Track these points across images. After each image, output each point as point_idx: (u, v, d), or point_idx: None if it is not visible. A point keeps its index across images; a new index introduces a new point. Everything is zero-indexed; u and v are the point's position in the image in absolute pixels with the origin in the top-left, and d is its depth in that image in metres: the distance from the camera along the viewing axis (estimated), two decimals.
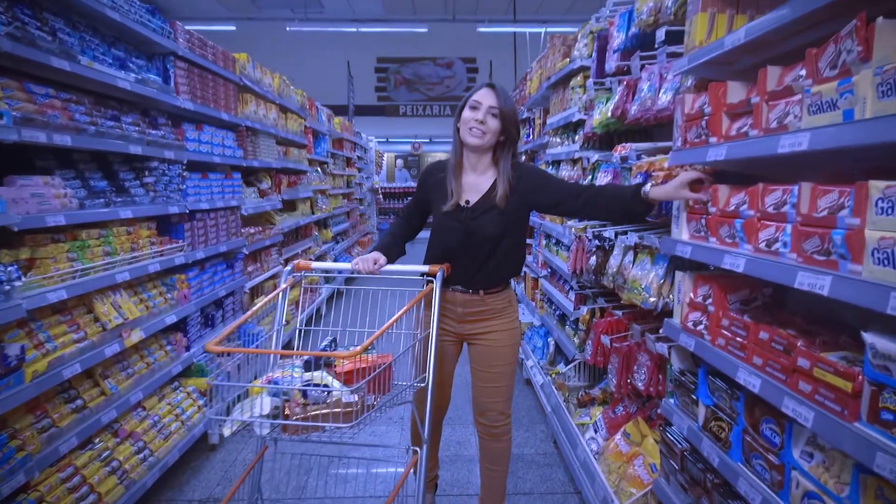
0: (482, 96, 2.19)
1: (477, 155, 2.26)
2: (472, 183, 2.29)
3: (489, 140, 2.20)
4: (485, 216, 2.24)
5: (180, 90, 3.37)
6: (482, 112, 2.17)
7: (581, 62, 3.35)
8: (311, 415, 1.82)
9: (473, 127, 2.17)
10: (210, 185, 3.78)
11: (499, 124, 2.19)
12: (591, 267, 3.00)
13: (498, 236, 2.25)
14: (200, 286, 3.63)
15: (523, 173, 2.29)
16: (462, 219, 2.26)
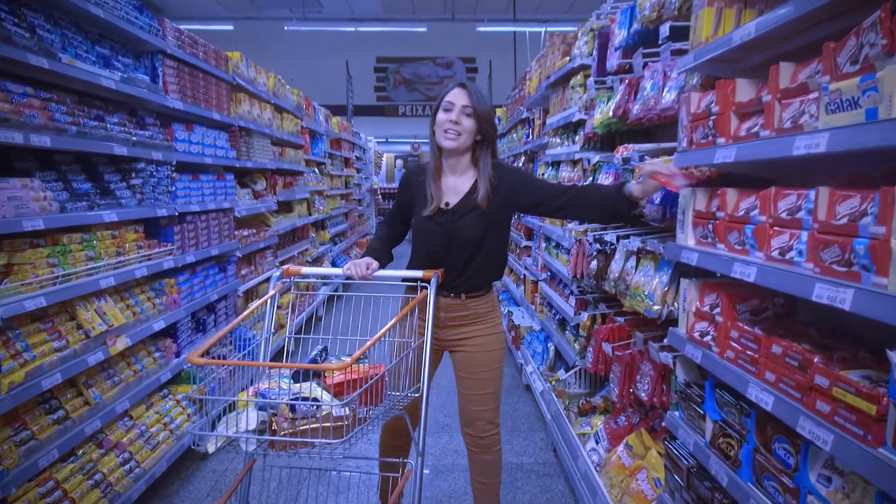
0: (455, 96, 2.14)
1: (455, 157, 2.21)
2: (452, 185, 2.24)
3: (465, 141, 2.15)
4: (465, 218, 2.19)
5: (169, 89, 3.28)
6: (455, 112, 2.12)
7: (581, 60, 3.26)
8: (299, 430, 1.73)
9: (448, 129, 2.13)
10: (201, 187, 3.69)
11: (474, 124, 2.14)
12: (591, 271, 2.91)
13: (479, 238, 2.20)
14: (191, 290, 3.54)
15: (504, 173, 2.24)
16: (443, 222, 2.20)
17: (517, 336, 4.86)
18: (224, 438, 1.75)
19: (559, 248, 3.88)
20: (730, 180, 1.94)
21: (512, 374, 4.87)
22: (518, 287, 5.85)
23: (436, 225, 2.21)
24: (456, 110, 2.12)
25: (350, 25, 12.99)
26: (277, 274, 2.33)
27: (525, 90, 5.32)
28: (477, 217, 2.18)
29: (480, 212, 2.17)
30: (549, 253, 4.14)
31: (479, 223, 2.18)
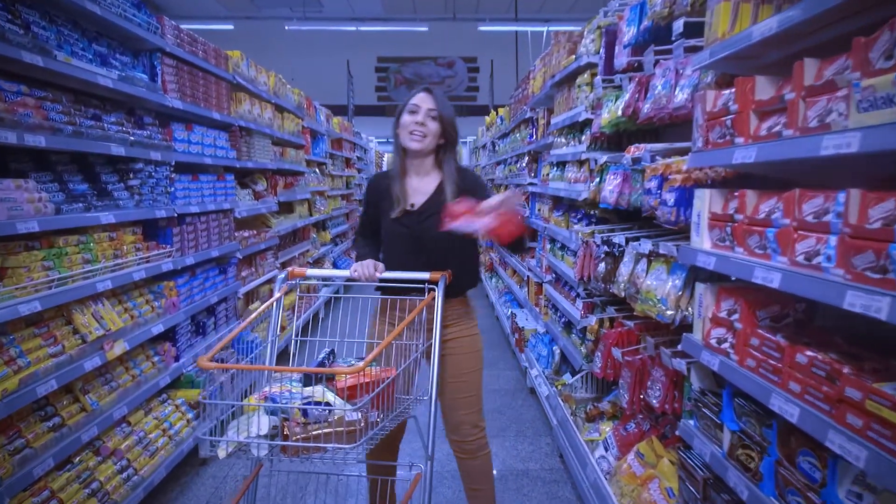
0: (420, 100, 2.19)
1: (420, 158, 2.25)
2: (417, 186, 2.28)
3: (429, 143, 2.20)
4: (432, 218, 2.18)
5: (168, 88, 3.22)
6: (421, 115, 2.17)
7: (588, 59, 3.19)
8: (312, 435, 1.68)
9: (414, 130, 2.17)
10: (201, 188, 3.63)
11: (438, 127, 2.20)
12: (599, 274, 2.85)
13: (447, 237, 2.14)
14: (191, 293, 3.48)
15: (468, 175, 2.31)
16: (410, 223, 2.23)
17: (521, 339, 4.80)
18: (235, 444, 1.70)
19: (564, 250, 3.82)
20: (745, 181, 1.88)
21: (516, 377, 4.81)
22: (521, 289, 5.79)
23: (403, 227, 2.24)
24: (422, 113, 2.17)
25: (351, 25, 12.93)
26: (282, 276, 2.28)
27: (529, 90, 5.25)
28: (438, 212, 2.19)
29: (440, 204, 2.17)
30: (554, 254, 4.08)
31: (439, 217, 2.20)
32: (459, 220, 1.95)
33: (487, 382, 4.67)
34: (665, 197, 2.02)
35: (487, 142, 8.92)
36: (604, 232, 3.06)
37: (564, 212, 3.97)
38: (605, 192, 2.84)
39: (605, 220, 3.33)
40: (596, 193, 3.06)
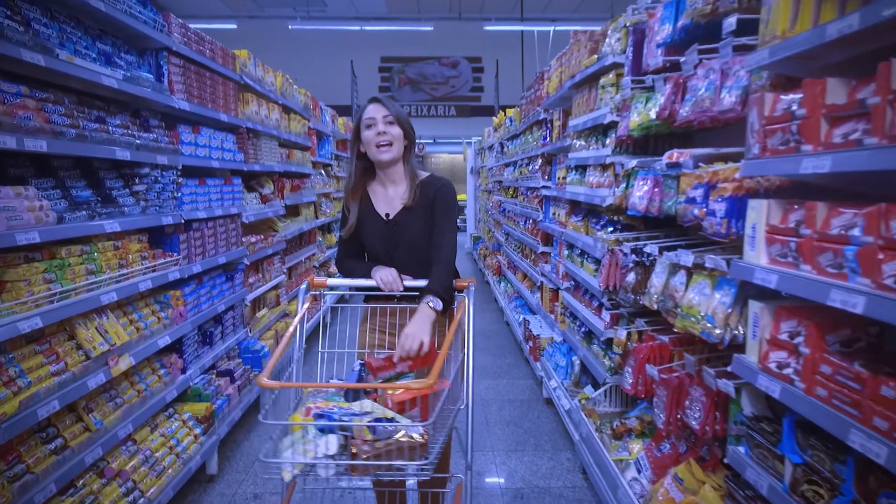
0: (373, 112, 2.20)
1: (392, 168, 2.28)
2: (392, 195, 2.30)
3: (398, 148, 2.22)
4: (408, 223, 2.25)
5: (175, 89, 3.08)
6: (380, 124, 2.18)
7: (613, 58, 3.05)
8: (382, 452, 1.57)
9: (380, 143, 2.19)
10: (208, 192, 3.50)
11: (399, 129, 2.22)
12: (628, 285, 2.71)
13: (423, 238, 2.24)
14: (198, 302, 3.34)
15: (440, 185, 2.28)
16: (388, 232, 2.27)
17: (536, 347, 4.66)
18: (302, 465, 1.59)
19: (584, 257, 3.68)
20: (802, 191, 1.75)
21: (530, 386, 4.67)
22: (533, 294, 5.65)
23: (382, 236, 2.27)
24: (379, 122, 2.18)
25: (354, 24, 12.78)
26: (304, 287, 2.16)
27: (543, 90, 5.11)
28: (417, 219, 2.24)
29: (414, 211, 2.24)
30: (573, 261, 3.94)
31: (418, 221, 2.24)
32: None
33: (501, 392, 4.53)
34: (713, 207, 1.88)
35: (495, 143, 8.78)
36: (631, 240, 2.92)
37: (584, 217, 3.83)
38: (634, 199, 2.70)
39: (631, 226, 3.19)
40: (622, 199, 2.92)
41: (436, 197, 2.23)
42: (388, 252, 2.27)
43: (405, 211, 2.26)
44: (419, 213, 2.23)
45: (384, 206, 2.29)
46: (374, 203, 2.31)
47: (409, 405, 1.70)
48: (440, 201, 2.23)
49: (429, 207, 2.24)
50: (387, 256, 2.27)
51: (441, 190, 2.26)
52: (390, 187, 2.31)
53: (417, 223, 2.24)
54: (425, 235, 2.24)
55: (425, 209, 2.24)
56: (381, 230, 2.27)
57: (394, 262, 2.25)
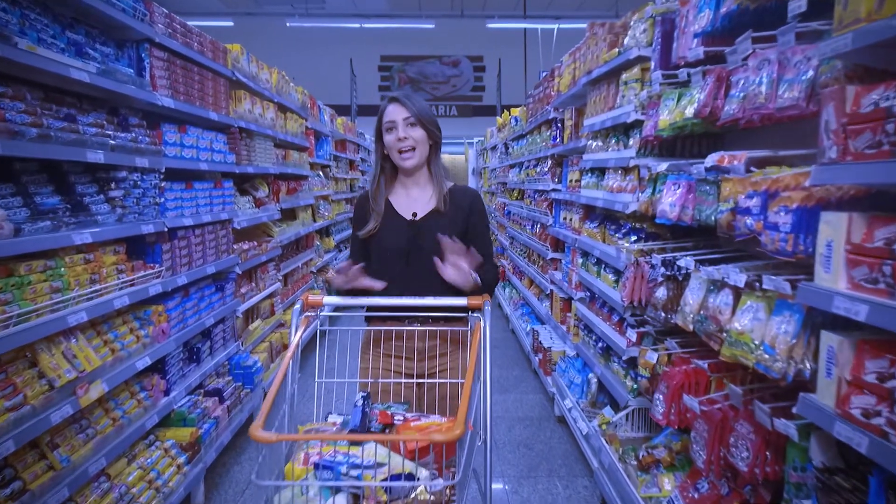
0: (392, 114, 2.01)
1: (418, 170, 2.09)
2: (416, 196, 2.11)
3: (422, 152, 2.04)
4: (433, 224, 2.02)
5: (158, 84, 2.81)
6: (401, 128, 1.99)
7: (639, 51, 2.79)
8: None
9: (402, 149, 2.01)
10: (196, 197, 3.23)
11: (422, 131, 2.02)
12: (657, 301, 2.45)
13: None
14: (183, 316, 3.07)
15: (469, 194, 2.14)
16: (409, 235, 2.04)
17: (546, 360, 4.39)
18: None
19: (602, 267, 3.42)
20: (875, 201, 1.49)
21: (541, 402, 4.40)
22: (541, 302, 5.39)
23: (404, 238, 2.04)
24: (399, 126, 1.99)
25: (354, 21, 12.51)
26: (298, 307, 1.88)
27: (553, 88, 4.85)
28: (445, 225, 2.03)
29: (446, 219, 2.05)
30: (588, 270, 3.67)
31: (447, 231, 2.00)
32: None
33: (510, 409, 4.27)
34: (775, 219, 1.61)
35: (499, 143, 8.51)
36: (660, 250, 2.66)
37: (600, 223, 3.57)
38: (664, 206, 2.44)
39: (656, 235, 2.93)
40: (648, 206, 2.66)
41: (472, 206, 2.10)
42: (406, 257, 2.02)
43: (435, 214, 2.06)
44: (449, 219, 2.04)
45: (406, 208, 2.09)
46: (395, 205, 2.10)
47: (422, 451, 1.44)
48: (478, 212, 2.11)
49: (461, 215, 2.07)
50: (403, 262, 2.02)
51: (477, 200, 2.14)
52: (413, 189, 2.12)
53: (445, 230, 2.01)
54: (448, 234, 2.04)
55: (456, 216, 2.06)
56: (402, 232, 2.04)
57: (411, 271, 2.01)
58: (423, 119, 2.00)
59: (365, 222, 2.09)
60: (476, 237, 2.08)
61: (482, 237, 2.11)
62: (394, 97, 2.03)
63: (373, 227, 2.05)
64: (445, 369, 2.04)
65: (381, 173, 2.10)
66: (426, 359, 2.04)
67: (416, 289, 1.97)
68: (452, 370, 2.03)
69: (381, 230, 2.05)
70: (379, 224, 2.05)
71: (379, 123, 2.06)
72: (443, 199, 2.04)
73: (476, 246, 2.06)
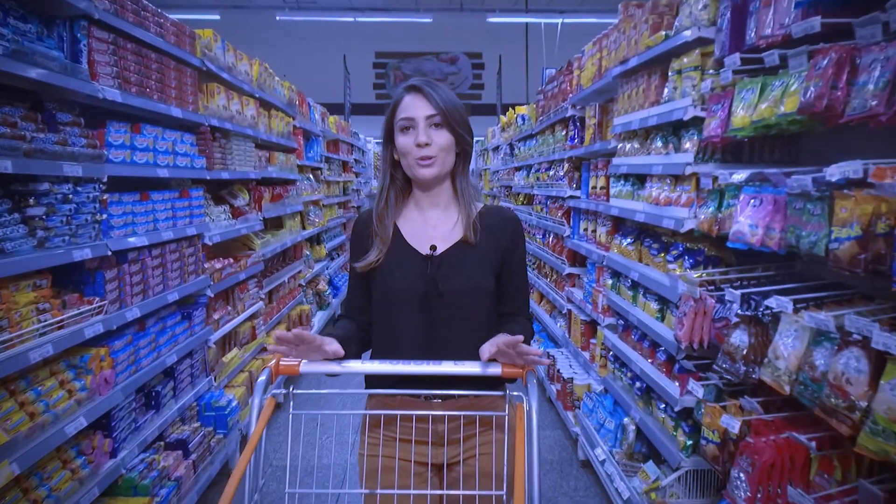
0: (411, 108, 1.48)
1: (438, 184, 1.55)
2: (435, 222, 1.56)
3: (446, 162, 1.51)
4: (458, 262, 1.50)
5: (99, 72, 2.26)
6: (421, 130, 1.46)
7: (699, 32, 2.25)
8: None
9: (421, 157, 1.47)
10: (153, 210, 2.67)
11: (449, 135, 1.49)
12: (734, 350, 1.92)
13: (481, 292, 1.50)
14: (136, 357, 2.52)
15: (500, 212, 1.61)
16: (426, 274, 1.48)
17: (567, 393, 3.85)
18: None
19: (640, 292, 2.88)
20: None
21: (560, 441, 3.85)
22: (555, 321, 4.85)
23: (418, 279, 1.48)
24: (420, 127, 1.46)
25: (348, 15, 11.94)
26: (263, 378, 1.33)
27: (570, 82, 4.31)
28: (476, 262, 1.51)
29: (478, 253, 1.52)
30: (621, 294, 3.13)
31: (479, 269, 1.50)
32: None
33: None
34: None
35: (502, 144, 7.97)
36: (724, 279, 2.13)
37: (636, 239, 3.03)
38: (741, 226, 1.92)
39: (718, 258, 2.39)
40: (711, 224, 2.13)
41: (513, 237, 1.56)
42: (423, 305, 1.47)
43: (461, 246, 1.51)
44: (479, 254, 1.51)
45: (422, 238, 1.54)
46: (405, 232, 1.54)
47: None
48: (518, 246, 1.57)
49: (496, 250, 1.54)
50: (416, 312, 1.47)
51: (518, 228, 1.59)
52: (432, 211, 1.57)
53: (476, 268, 1.50)
54: (485, 288, 1.50)
55: (489, 251, 1.53)
56: (415, 270, 1.50)
57: (428, 325, 1.47)
58: (451, 118, 1.47)
59: (364, 251, 1.53)
60: (512, 279, 1.56)
61: (519, 280, 1.59)
62: (414, 85, 1.50)
63: (374, 258, 1.49)
64: (473, 456, 1.49)
65: (390, 186, 1.57)
66: (448, 444, 1.49)
67: (434, 349, 1.44)
68: (484, 458, 1.48)
69: (387, 265, 1.50)
70: (384, 256, 1.50)
71: (390, 120, 1.53)
72: (472, 227, 1.50)
73: (509, 292, 1.54)
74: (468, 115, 1.58)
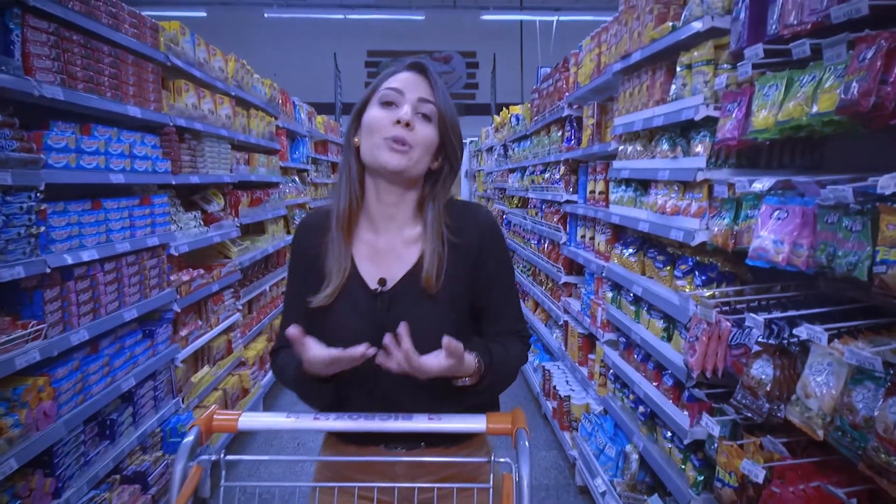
0: (405, 81, 1.21)
1: (397, 191, 1.24)
2: (389, 244, 1.25)
3: (419, 160, 1.19)
4: (414, 297, 1.20)
5: (36, 66, 2.00)
6: (408, 108, 1.18)
7: (712, 22, 2.01)
8: None
9: (395, 137, 1.16)
10: (106, 220, 2.41)
11: (436, 134, 1.21)
12: (756, 384, 1.68)
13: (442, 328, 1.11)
14: (84, 385, 2.26)
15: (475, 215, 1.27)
16: (371, 314, 1.20)
17: (563, 411, 3.61)
18: None
19: (644, 307, 2.64)
20: None
21: (555, 462, 3.61)
22: (551, 331, 4.61)
23: (365, 322, 1.20)
24: (408, 105, 1.18)
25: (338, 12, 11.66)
26: (189, 440, 1.08)
27: (567, 80, 4.07)
28: (429, 305, 1.20)
29: (432, 294, 1.20)
30: (622, 309, 2.89)
31: (438, 303, 1.20)
32: None
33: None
34: None
35: (496, 145, 7.73)
36: (749, 302, 1.89)
37: (639, 249, 2.79)
38: (763, 242, 1.68)
39: (733, 275, 2.15)
40: (727, 237, 1.90)
41: (484, 242, 1.24)
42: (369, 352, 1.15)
43: (417, 277, 1.20)
44: (446, 280, 1.19)
45: (371, 265, 1.24)
46: (355, 255, 1.25)
47: None
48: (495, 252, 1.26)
49: (469, 262, 1.23)
50: (368, 362, 1.12)
51: (491, 228, 1.27)
52: (384, 228, 1.26)
53: (438, 304, 1.20)
54: (451, 326, 1.16)
55: (460, 269, 1.21)
56: (362, 312, 1.21)
57: (380, 374, 1.15)
58: (446, 117, 1.21)
59: (317, 275, 1.23)
60: (492, 298, 1.25)
61: (503, 295, 1.27)
62: (419, 64, 1.25)
63: (333, 289, 1.20)
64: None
65: (351, 178, 1.25)
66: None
67: (387, 404, 1.17)
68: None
69: (336, 303, 1.21)
70: (339, 289, 1.21)
71: (371, 93, 1.25)
72: (436, 269, 1.18)
73: (492, 313, 1.26)
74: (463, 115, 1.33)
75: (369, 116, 1.20)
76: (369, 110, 1.21)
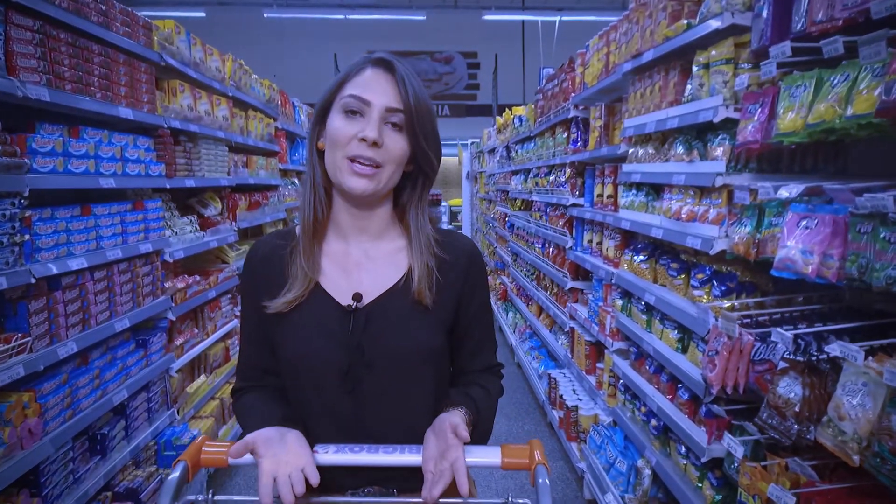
0: (370, 89, 1.07)
1: (367, 207, 1.14)
2: (358, 260, 1.15)
3: (391, 179, 1.10)
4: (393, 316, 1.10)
5: (19, 65, 1.90)
6: (374, 123, 1.05)
7: (732, 19, 1.91)
8: None
9: (357, 157, 1.05)
10: (96, 226, 2.31)
11: (405, 143, 1.09)
12: (784, 402, 1.58)
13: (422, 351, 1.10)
14: (73, 399, 2.16)
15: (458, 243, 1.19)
16: (347, 337, 1.08)
17: (570, 422, 3.50)
18: None
19: (656, 317, 2.54)
20: None
21: (563, 474, 3.51)
22: (556, 338, 4.50)
23: (337, 345, 1.08)
24: (374, 118, 1.06)
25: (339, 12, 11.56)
26: (175, 476, 0.98)
27: (573, 80, 3.97)
28: (418, 319, 1.11)
29: (422, 309, 1.11)
30: (634, 318, 2.79)
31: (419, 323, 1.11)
32: None
33: (526, 485, 3.37)
34: None
35: (498, 146, 7.62)
36: (772, 314, 1.79)
37: (651, 255, 2.69)
38: (790, 252, 1.59)
39: (753, 285, 2.05)
40: (748, 246, 1.80)
41: (470, 273, 1.16)
42: (344, 379, 1.07)
43: (397, 295, 1.11)
44: (419, 305, 1.10)
45: (341, 281, 1.13)
46: (322, 276, 1.13)
47: None
48: (479, 284, 1.19)
49: (453, 290, 1.14)
50: (336, 388, 1.08)
51: (476, 260, 1.19)
52: (356, 240, 1.16)
53: (420, 325, 1.10)
54: (431, 351, 1.11)
55: (444, 295, 1.13)
56: (332, 331, 1.09)
57: (353, 405, 1.09)
58: (419, 123, 1.07)
59: (269, 287, 1.12)
60: (472, 332, 1.19)
61: (483, 331, 1.21)
62: (384, 59, 1.12)
63: (294, 296, 1.08)
64: None
65: (316, 184, 1.13)
66: None
67: (360, 438, 1.07)
68: None
69: (292, 321, 1.10)
70: (290, 307, 1.09)
71: (333, 93, 1.11)
72: (429, 281, 1.10)
73: (470, 349, 1.19)
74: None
75: (332, 126, 1.08)
76: (332, 116, 1.10)
